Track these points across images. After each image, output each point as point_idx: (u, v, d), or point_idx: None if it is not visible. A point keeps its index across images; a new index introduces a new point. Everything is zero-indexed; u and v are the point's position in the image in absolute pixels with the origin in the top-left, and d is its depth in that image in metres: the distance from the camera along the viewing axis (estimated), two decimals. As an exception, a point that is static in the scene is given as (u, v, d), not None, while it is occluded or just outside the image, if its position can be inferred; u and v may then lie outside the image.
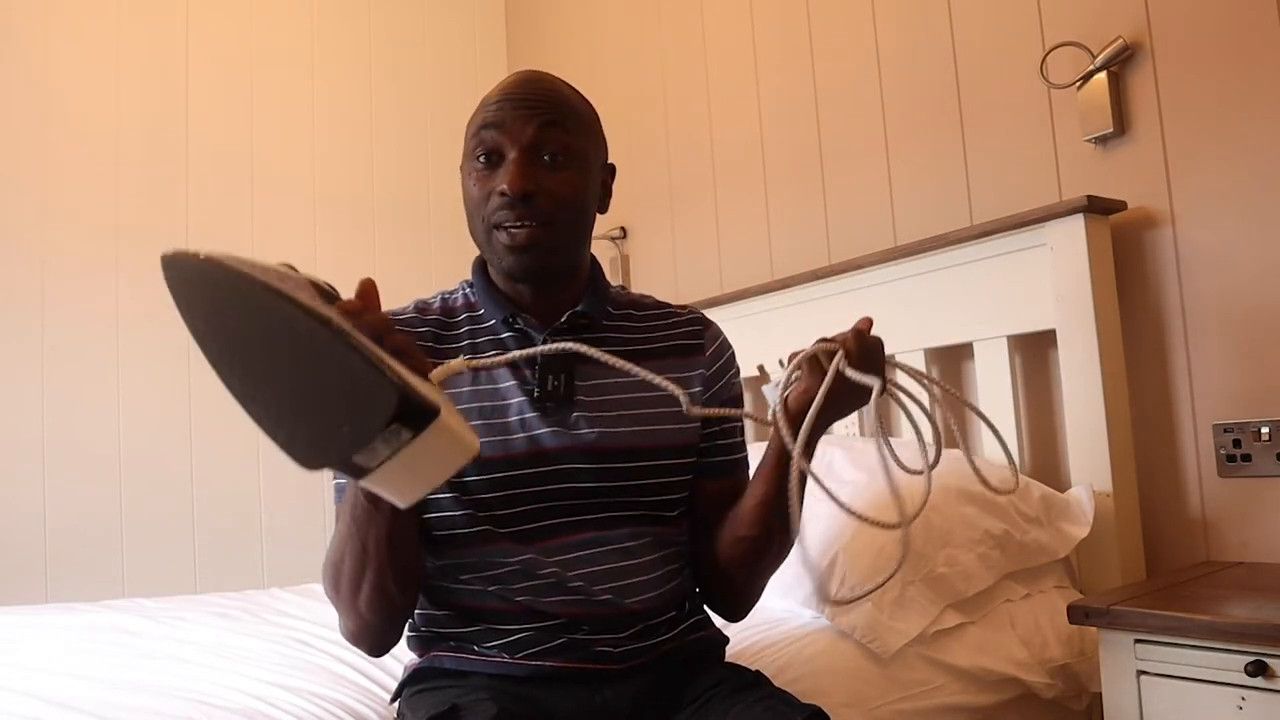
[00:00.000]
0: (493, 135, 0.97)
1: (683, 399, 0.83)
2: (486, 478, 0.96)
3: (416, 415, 0.68)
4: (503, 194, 0.95)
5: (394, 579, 0.90)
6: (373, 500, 0.85)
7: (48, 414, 2.48)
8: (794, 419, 0.92)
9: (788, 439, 0.86)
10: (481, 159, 0.98)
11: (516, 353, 0.85)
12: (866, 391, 0.91)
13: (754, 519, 1.00)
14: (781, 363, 0.96)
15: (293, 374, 0.69)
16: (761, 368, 0.99)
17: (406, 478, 0.70)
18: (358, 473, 0.69)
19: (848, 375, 0.90)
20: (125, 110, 2.65)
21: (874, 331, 1.01)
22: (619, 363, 0.83)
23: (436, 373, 0.76)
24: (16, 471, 2.44)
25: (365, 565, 0.88)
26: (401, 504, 0.72)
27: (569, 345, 0.83)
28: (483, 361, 0.83)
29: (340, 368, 0.67)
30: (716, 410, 0.92)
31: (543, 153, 0.97)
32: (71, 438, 2.50)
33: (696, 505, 1.07)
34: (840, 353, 0.91)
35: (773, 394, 0.95)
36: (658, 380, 0.83)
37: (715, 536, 1.05)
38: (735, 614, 1.11)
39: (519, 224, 0.95)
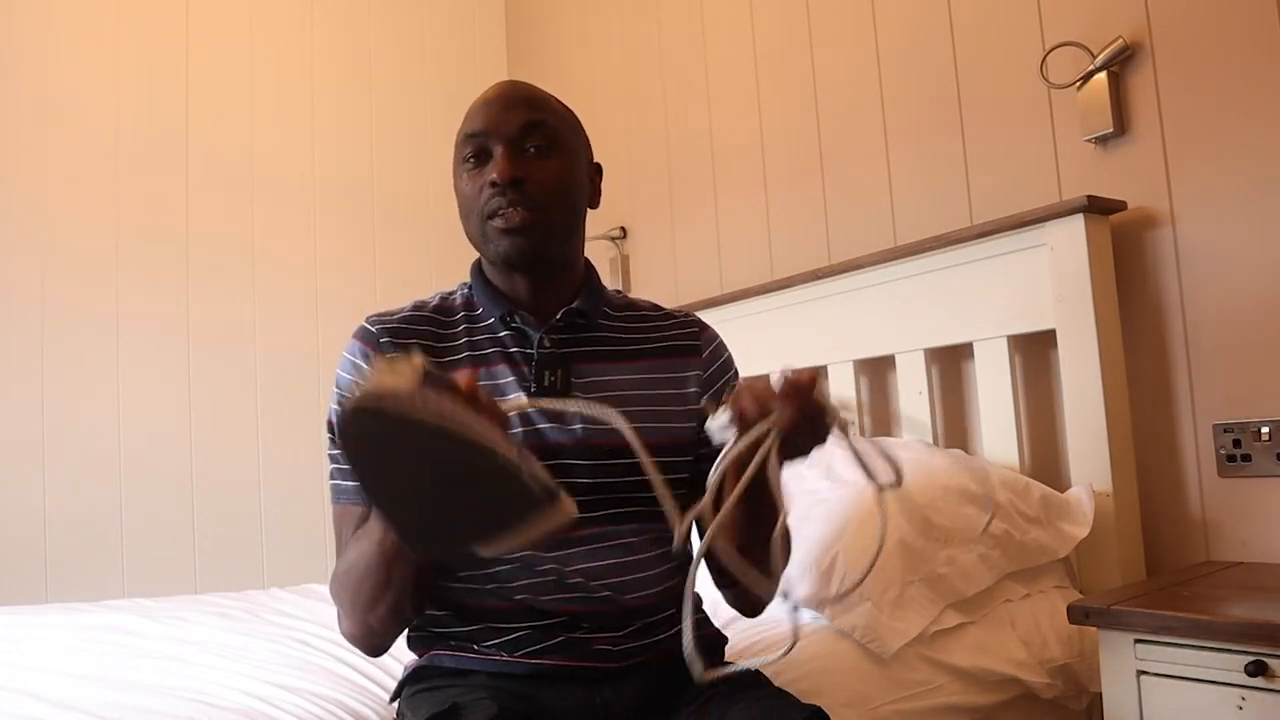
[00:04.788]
0: (479, 137, 1.00)
1: (628, 434, 0.80)
2: None
3: (549, 507, 0.72)
4: (493, 183, 0.97)
5: (411, 603, 0.92)
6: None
7: (48, 414, 2.48)
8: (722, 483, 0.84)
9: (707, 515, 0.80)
10: (471, 160, 1.01)
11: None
12: (805, 449, 0.85)
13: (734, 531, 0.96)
14: (722, 402, 0.87)
15: (454, 493, 0.72)
16: (714, 404, 0.91)
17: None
18: (474, 558, 0.73)
19: (766, 467, 0.81)
20: (125, 111, 2.65)
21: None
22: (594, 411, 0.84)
23: (506, 407, 0.81)
24: (17, 471, 2.44)
25: (385, 592, 0.90)
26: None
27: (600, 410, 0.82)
28: (547, 404, 0.90)
29: (505, 489, 0.70)
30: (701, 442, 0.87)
31: (527, 144, 0.99)
32: (71, 438, 2.50)
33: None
34: (774, 439, 0.81)
35: (717, 434, 0.87)
36: (610, 416, 0.81)
37: None
38: (755, 609, 1.10)
39: (510, 208, 0.97)
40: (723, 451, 0.83)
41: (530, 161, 0.99)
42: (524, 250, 0.99)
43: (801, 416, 0.82)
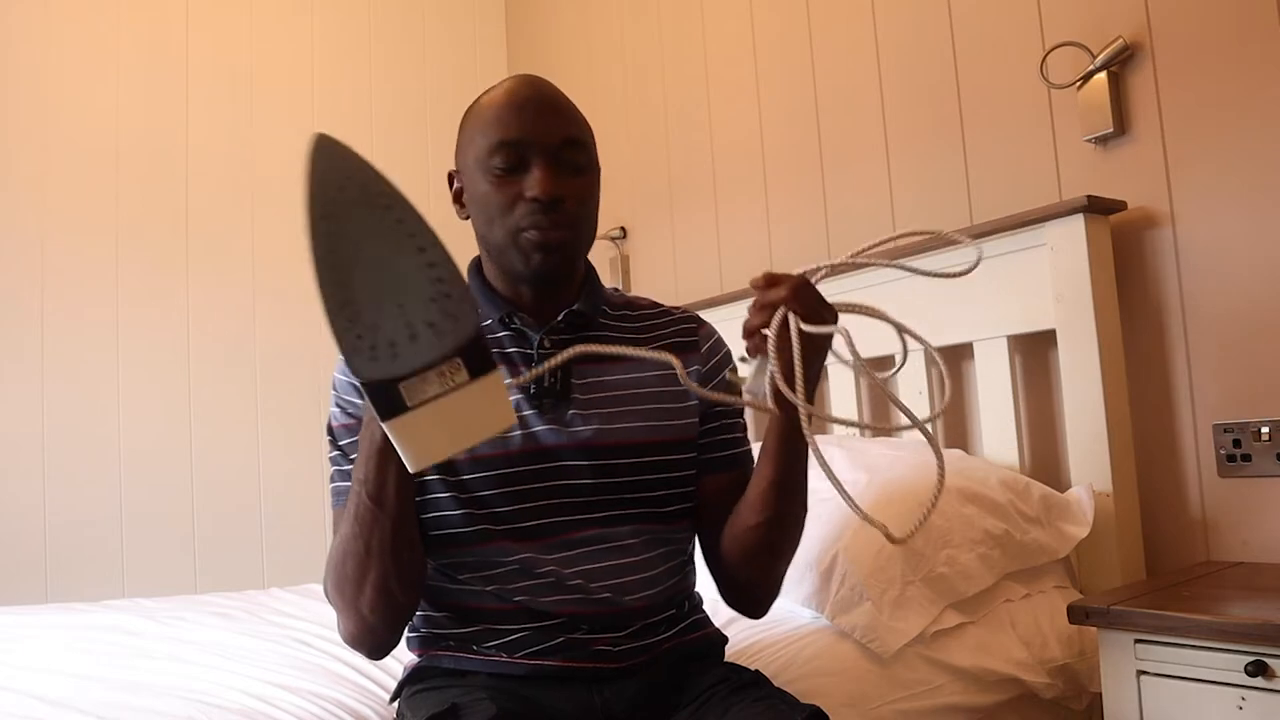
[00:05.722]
0: (516, 146, 0.97)
1: (679, 370, 0.84)
2: (484, 475, 0.96)
3: (482, 358, 0.70)
4: (535, 200, 0.96)
5: (397, 580, 0.90)
6: (377, 501, 0.86)
7: (48, 414, 2.48)
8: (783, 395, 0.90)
9: (799, 402, 0.85)
10: (502, 167, 0.97)
11: (539, 370, 0.86)
12: (824, 313, 0.90)
13: (763, 503, 0.98)
14: (744, 358, 0.95)
15: (395, 273, 0.70)
16: (732, 370, 0.98)
17: (436, 430, 0.71)
18: (396, 406, 0.69)
19: (809, 331, 0.87)
20: (125, 111, 2.65)
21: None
22: (624, 350, 0.85)
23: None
24: (16, 471, 2.44)
25: (368, 567, 0.89)
26: (415, 464, 0.72)
27: (586, 349, 0.84)
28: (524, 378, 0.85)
29: (443, 279, 0.69)
30: (714, 395, 0.91)
31: (564, 160, 0.98)
32: (71, 438, 2.50)
33: (703, 502, 1.07)
34: (794, 319, 0.87)
35: (756, 380, 0.93)
36: (660, 356, 0.84)
37: (725, 531, 1.05)
38: (757, 608, 1.09)
39: (551, 228, 0.97)
40: (761, 369, 0.90)
41: (568, 179, 0.98)
42: (557, 268, 0.99)
43: (793, 288, 0.88)
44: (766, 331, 0.88)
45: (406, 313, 0.70)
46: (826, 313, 0.90)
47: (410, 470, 0.73)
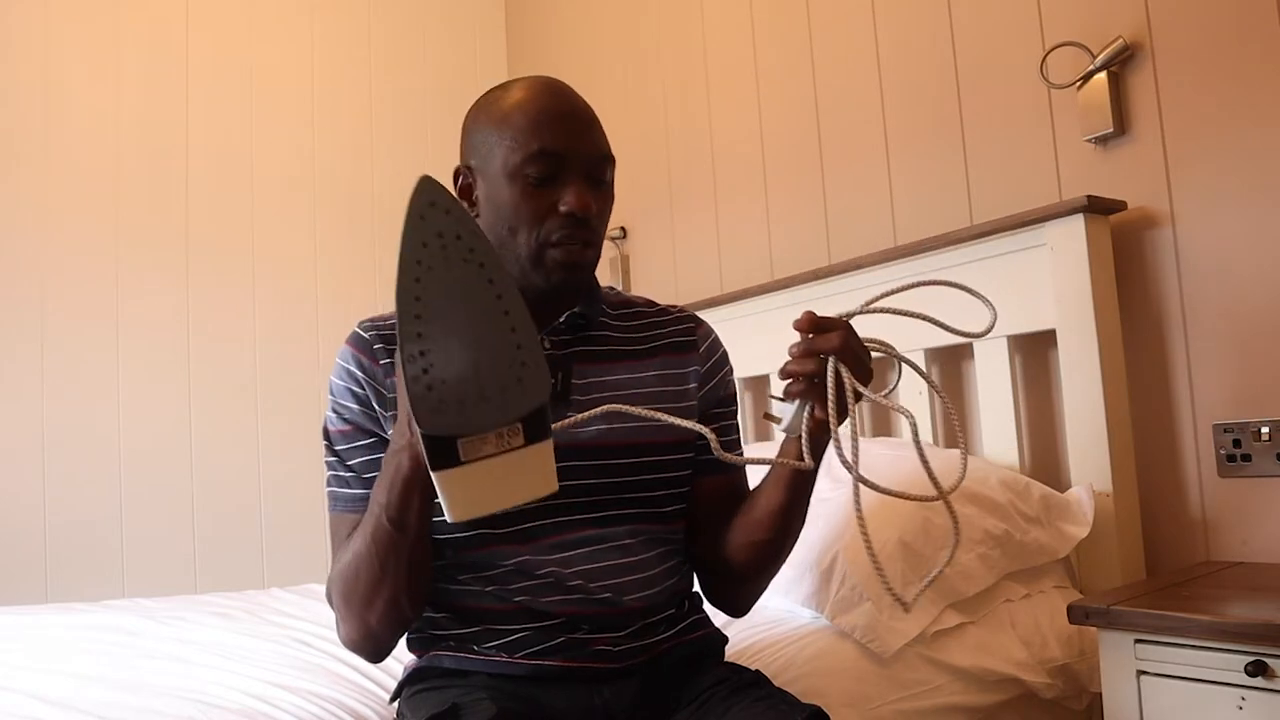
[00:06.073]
0: (558, 158, 0.96)
1: (713, 442, 0.84)
2: None
3: (540, 426, 0.71)
4: (570, 214, 0.95)
5: (408, 596, 0.92)
6: (398, 526, 0.86)
7: (48, 414, 2.48)
8: (818, 440, 0.92)
9: (854, 470, 0.87)
10: (538, 177, 0.96)
11: (572, 420, 0.84)
12: (866, 365, 0.93)
13: (770, 525, 1.01)
14: (774, 398, 0.97)
15: (478, 332, 0.71)
16: (767, 414, 0.99)
17: (482, 487, 0.72)
18: (449, 459, 0.70)
19: (860, 391, 0.90)
20: (125, 111, 2.65)
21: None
22: (655, 415, 0.84)
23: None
24: (16, 471, 2.44)
25: (382, 584, 0.90)
26: (456, 516, 0.73)
27: (616, 407, 0.84)
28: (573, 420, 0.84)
29: (522, 346, 0.71)
30: (746, 460, 0.91)
31: (595, 176, 0.99)
32: (71, 438, 2.50)
33: (696, 503, 1.07)
34: (847, 375, 0.89)
35: (794, 421, 0.94)
36: (693, 426, 0.84)
37: (723, 539, 1.06)
38: (740, 611, 1.11)
39: (580, 243, 0.97)
40: (800, 411, 0.92)
41: (598, 196, 0.98)
42: (579, 284, 1.00)
43: (843, 339, 0.89)
44: (805, 372, 0.90)
45: (481, 373, 0.70)
46: (868, 359, 0.93)
47: (449, 520, 0.74)
